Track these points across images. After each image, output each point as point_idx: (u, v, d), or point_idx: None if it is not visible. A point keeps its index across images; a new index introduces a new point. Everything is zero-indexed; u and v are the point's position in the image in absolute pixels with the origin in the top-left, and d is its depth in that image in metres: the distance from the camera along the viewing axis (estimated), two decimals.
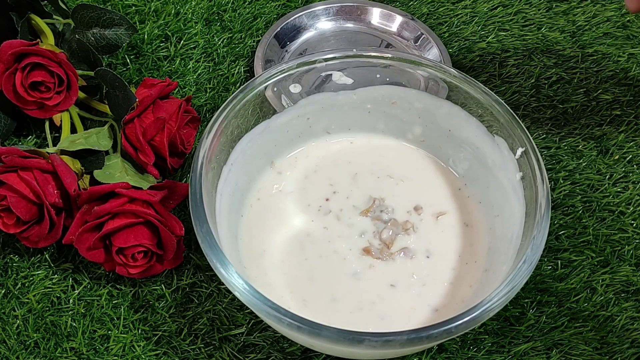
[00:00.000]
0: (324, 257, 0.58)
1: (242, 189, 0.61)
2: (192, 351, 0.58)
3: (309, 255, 0.58)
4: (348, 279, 0.57)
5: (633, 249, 0.64)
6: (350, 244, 0.59)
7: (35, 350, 0.58)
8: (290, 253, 0.58)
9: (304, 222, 0.60)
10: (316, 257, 0.58)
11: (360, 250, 0.58)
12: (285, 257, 0.58)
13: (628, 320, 0.60)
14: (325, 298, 0.56)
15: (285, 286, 0.57)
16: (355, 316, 0.55)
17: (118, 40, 0.66)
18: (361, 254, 0.58)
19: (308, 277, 0.57)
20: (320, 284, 0.57)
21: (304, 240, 0.59)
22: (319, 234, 0.59)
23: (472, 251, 0.60)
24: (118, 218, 0.57)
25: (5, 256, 0.62)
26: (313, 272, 0.58)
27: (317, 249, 0.59)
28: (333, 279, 0.57)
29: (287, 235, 0.59)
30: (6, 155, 0.58)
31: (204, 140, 0.55)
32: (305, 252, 0.59)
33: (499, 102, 0.58)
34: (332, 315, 0.55)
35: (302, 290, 0.57)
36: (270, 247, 0.59)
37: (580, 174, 0.68)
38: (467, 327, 0.48)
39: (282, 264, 0.58)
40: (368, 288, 0.57)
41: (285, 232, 0.60)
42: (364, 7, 0.77)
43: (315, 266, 0.58)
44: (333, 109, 0.63)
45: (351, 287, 0.57)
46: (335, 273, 0.58)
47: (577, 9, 0.81)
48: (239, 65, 0.74)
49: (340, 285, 0.57)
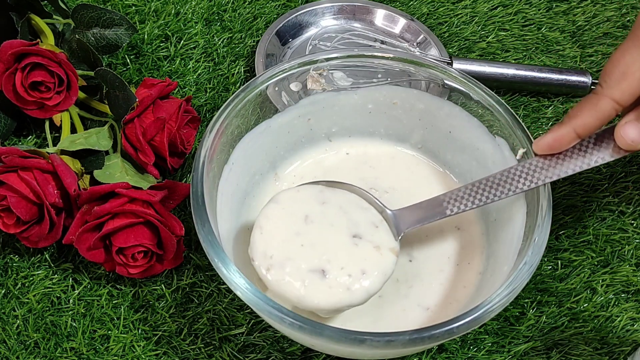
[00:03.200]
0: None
1: (243, 188, 0.61)
2: (192, 351, 0.58)
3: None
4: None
5: (633, 249, 0.64)
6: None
7: (35, 350, 0.57)
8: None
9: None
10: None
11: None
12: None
13: (628, 321, 0.60)
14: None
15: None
16: (348, 325, 0.56)
17: (118, 40, 0.66)
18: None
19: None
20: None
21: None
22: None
23: (464, 253, 0.60)
24: (118, 218, 0.56)
25: (5, 256, 0.62)
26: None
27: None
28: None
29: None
30: (6, 155, 0.58)
31: (205, 139, 0.55)
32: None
33: (499, 103, 0.58)
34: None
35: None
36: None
37: (580, 174, 0.68)
38: (468, 327, 0.48)
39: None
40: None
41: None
42: (365, 7, 0.77)
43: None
44: (334, 109, 0.63)
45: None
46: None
47: (577, 9, 0.81)
48: (239, 65, 0.74)
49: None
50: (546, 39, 0.78)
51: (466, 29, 0.78)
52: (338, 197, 0.57)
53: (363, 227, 0.55)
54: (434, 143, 0.64)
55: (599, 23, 0.80)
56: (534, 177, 0.55)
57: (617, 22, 0.80)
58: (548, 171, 0.54)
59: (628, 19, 0.80)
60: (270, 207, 0.56)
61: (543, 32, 0.79)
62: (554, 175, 0.54)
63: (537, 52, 0.77)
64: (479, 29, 0.79)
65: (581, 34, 0.79)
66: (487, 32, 0.78)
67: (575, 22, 0.80)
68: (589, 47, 0.78)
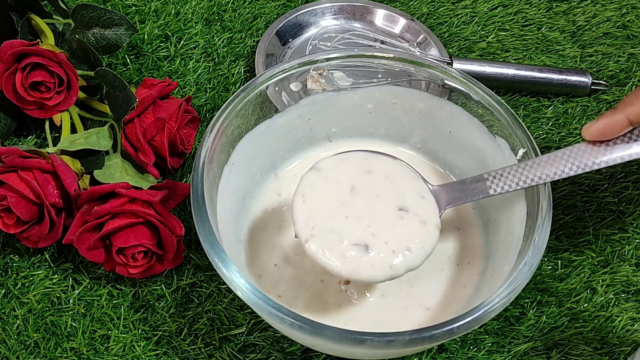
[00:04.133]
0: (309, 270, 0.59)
1: (243, 188, 0.61)
2: (192, 351, 0.58)
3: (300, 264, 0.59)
4: (340, 293, 0.58)
5: (633, 249, 0.64)
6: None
7: (35, 350, 0.57)
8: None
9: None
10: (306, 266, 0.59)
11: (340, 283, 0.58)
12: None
13: (628, 321, 0.60)
14: (319, 301, 0.57)
15: (283, 289, 0.57)
16: (349, 325, 0.56)
17: (118, 40, 0.66)
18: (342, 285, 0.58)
19: (298, 281, 0.58)
20: (310, 290, 0.58)
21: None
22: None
23: (463, 254, 0.60)
24: (118, 218, 0.56)
25: (5, 256, 0.62)
26: (302, 278, 0.58)
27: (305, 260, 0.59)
28: (324, 291, 0.58)
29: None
30: (6, 155, 0.58)
31: (205, 139, 0.55)
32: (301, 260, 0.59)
33: (499, 103, 0.58)
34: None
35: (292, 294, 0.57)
36: (269, 249, 0.59)
37: (580, 174, 0.68)
38: (468, 327, 0.48)
39: (279, 267, 0.59)
40: (360, 303, 0.57)
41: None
42: (365, 7, 0.77)
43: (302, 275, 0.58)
44: (334, 109, 0.63)
45: (344, 298, 0.57)
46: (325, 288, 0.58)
47: (577, 9, 0.81)
48: (239, 65, 0.74)
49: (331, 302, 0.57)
50: (546, 39, 0.78)
51: (466, 29, 0.78)
52: (383, 165, 0.56)
53: (410, 198, 0.54)
54: (434, 143, 0.64)
55: (599, 23, 0.80)
56: (580, 162, 0.53)
57: (617, 22, 0.80)
58: (596, 158, 0.53)
59: (628, 19, 0.80)
60: (313, 175, 0.55)
61: (543, 32, 0.79)
62: (601, 162, 0.53)
63: (537, 52, 0.77)
64: (479, 29, 0.79)
65: (581, 34, 0.79)
66: (487, 32, 0.78)
67: (575, 22, 0.80)
68: (589, 47, 0.78)
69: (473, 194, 0.56)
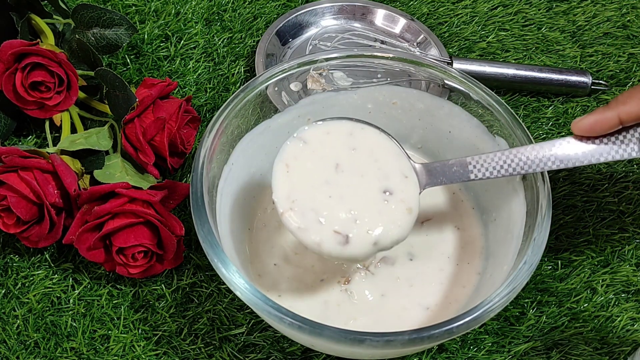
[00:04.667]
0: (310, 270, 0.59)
1: (242, 188, 0.61)
2: (192, 351, 0.58)
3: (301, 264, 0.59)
4: (339, 293, 0.58)
5: (633, 249, 0.64)
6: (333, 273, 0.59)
7: (35, 350, 0.57)
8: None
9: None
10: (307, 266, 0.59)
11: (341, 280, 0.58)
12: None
13: (628, 321, 0.60)
14: (319, 301, 0.57)
15: (283, 289, 0.57)
16: (349, 325, 0.56)
17: (118, 40, 0.66)
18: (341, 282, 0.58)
19: (298, 281, 0.58)
20: (309, 290, 0.58)
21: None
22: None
23: (463, 253, 0.60)
24: (118, 218, 0.56)
25: (5, 256, 0.62)
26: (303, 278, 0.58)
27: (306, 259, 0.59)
28: (325, 289, 0.58)
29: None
30: (6, 155, 0.58)
31: (205, 139, 0.55)
32: (301, 259, 0.59)
33: (499, 103, 0.58)
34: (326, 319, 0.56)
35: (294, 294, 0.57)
36: (269, 249, 0.59)
37: (580, 174, 0.68)
38: (468, 327, 0.48)
39: (279, 266, 0.59)
40: (360, 302, 0.57)
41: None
42: (365, 7, 0.77)
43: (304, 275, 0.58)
44: (334, 109, 0.63)
45: (344, 298, 0.57)
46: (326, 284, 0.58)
47: (577, 9, 0.81)
48: (239, 65, 0.74)
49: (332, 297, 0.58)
50: (546, 39, 0.78)
51: (466, 29, 0.78)
52: (369, 138, 0.55)
53: (393, 179, 0.54)
54: (433, 143, 0.64)
55: (599, 23, 0.80)
56: (564, 156, 0.53)
57: (617, 22, 0.80)
58: (581, 153, 0.52)
59: (628, 19, 0.80)
60: (298, 146, 0.54)
61: (543, 32, 0.79)
62: (584, 159, 0.52)
63: (537, 52, 0.77)
64: (479, 29, 0.79)
65: (581, 34, 0.79)
66: (487, 32, 0.78)
67: (575, 22, 0.80)
68: (589, 47, 0.78)
69: (456, 177, 0.55)
